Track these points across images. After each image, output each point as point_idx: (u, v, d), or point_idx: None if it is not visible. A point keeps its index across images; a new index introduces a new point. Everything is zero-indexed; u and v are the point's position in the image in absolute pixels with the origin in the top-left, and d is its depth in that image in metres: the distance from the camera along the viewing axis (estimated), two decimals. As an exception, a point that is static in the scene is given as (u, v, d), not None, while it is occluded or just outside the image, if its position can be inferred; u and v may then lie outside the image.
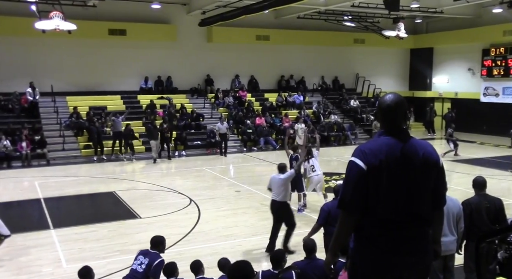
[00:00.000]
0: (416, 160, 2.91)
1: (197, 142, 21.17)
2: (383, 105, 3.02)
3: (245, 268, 3.76)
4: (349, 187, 2.91)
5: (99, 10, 20.69)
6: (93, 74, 22.15)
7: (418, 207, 2.96)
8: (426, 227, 3.03)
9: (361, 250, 3.03)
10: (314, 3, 20.50)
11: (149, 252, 5.86)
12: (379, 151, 2.89)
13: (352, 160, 2.92)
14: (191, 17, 23.44)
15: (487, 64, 25.69)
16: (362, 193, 2.86)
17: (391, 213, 2.90)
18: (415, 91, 29.95)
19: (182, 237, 9.40)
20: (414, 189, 2.93)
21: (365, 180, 2.85)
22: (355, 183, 2.88)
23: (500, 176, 15.59)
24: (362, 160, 2.86)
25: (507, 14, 22.58)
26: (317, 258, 5.69)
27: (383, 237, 2.92)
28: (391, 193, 2.87)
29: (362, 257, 3.02)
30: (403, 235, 2.92)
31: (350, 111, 26.03)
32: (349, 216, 2.96)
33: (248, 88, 25.43)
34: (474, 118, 25.52)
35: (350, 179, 2.91)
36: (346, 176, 2.97)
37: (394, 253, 2.92)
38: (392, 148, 2.90)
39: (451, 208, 5.89)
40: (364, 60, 28.51)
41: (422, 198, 2.98)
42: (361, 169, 2.85)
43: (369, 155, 2.87)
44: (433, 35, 28.31)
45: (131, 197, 12.76)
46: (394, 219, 2.91)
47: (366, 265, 3.00)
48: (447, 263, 6.06)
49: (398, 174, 2.87)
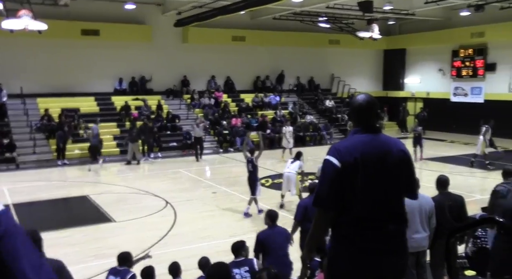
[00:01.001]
0: (390, 157, 2.97)
1: (172, 143, 21.05)
2: (355, 105, 3.09)
3: (223, 270, 3.79)
4: (324, 185, 2.93)
5: (71, 10, 20.33)
6: (65, 75, 21.73)
7: (394, 204, 3.02)
8: (403, 225, 3.07)
9: (338, 249, 3.04)
10: (289, 4, 20.60)
11: (119, 270, 5.77)
12: (354, 149, 2.92)
13: (327, 159, 2.95)
14: (166, 18, 23.29)
15: (457, 65, 26.33)
16: (337, 191, 2.89)
17: (368, 210, 2.92)
18: (389, 91, 30.44)
19: (158, 240, 9.35)
20: (389, 186, 2.99)
21: (340, 178, 2.87)
22: (330, 181, 2.90)
23: (469, 173, 15.98)
24: (337, 158, 2.89)
25: (474, 17, 23.16)
26: (279, 226, 6.41)
27: (361, 236, 2.94)
28: (367, 191, 2.90)
29: (340, 257, 3.02)
30: (380, 234, 2.94)
31: (325, 111, 26.29)
32: (324, 214, 2.98)
33: (224, 89, 25.41)
34: (444, 117, 26.07)
35: (325, 177, 2.94)
36: (321, 175, 2.99)
37: (373, 253, 2.93)
38: (367, 146, 2.94)
39: (423, 205, 6.02)
40: (339, 60, 28.82)
41: (397, 194, 3.04)
42: (336, 167, 2.87)
43: (344, 153, 2.89)
44: (406, 37, 28.82)
45: (105, 200, 12.61)
46: (371, 217, 2.94)
47: (344, 264, 3.01)
48: (420, 259, 6.19)
49: (373, 172, 2.91)
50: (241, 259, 5.45)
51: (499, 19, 22.67)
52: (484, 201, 6.85)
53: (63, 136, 18.22)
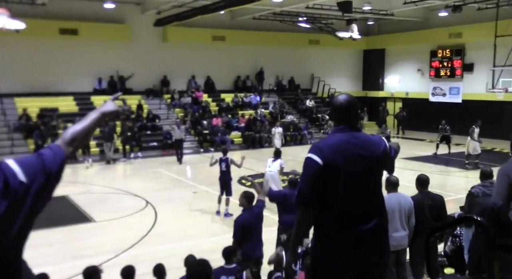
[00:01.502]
0: (370, 154, 3.02)
1: (153, 143, 20.91)
2: (336, 104, 3.13)
3: (205, 268, 3.78)
4: (307, 182, 2.95)
5: (49, 9, 20.02)
6: (44, 75, 21.39)
7: (375, 200, 3.08)
8: (385, 221, 3.12)
9: (322, 248, 3.06)
10: (269, 4, 20.65)
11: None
12: (335, 147, 2.96)
13: (308, 156, 2.97)
14: (146, 17, 23.12)
15: (435, 65, 26.70)
16: (319, 188, 2.91)
17: (351, 207, 2.96)
18: (368, 91, 30.72)
19: (138, 240, 9.27)
20: (371, 183, 3.05)
21: (322, 175, 2.90)
22: (312, 178, 2.92)
23: (447, 173, 16.23)
24: (319, 155, 2.92)
25: (452, 18, 23.54)
26: (254, 207, 6.55)
27: (344, 234, 2.96)
28: (349, 188, 2.93)
29: (323, 256, 3.05)
30: (363, 231, 2.97)
31: (305, 111, 26.41)
32: (307, 212, 3.00)
33: (204, 89, 25.34)
34: (423, 117, 26.41)
35: (308, 175, 2.96)
36: (304, 172, 3.01)
37: (355, 251, 2.97)
38: (348, 144, 2.98)
39: (402, 204, 6.10)
40: (319, 60, 28.97)
41: (378, 191, 3.12)
42: (318, 164, 2.90)
43: (326, 151, 2.93)
44: (385, 37, 29.11)
45: (85, 200, 12.46)
46: (354, 214, 2.97)
47: (327, 263, 3.03)
48: (400, 258, 6.26)
49: (355, 169, 2.95)
50: (232, 267, 5.34)
51: (476, 20, 23.07)
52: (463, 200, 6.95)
53: (40, 135, 17.96)
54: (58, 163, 1.73)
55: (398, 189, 6.25)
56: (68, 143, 1.84)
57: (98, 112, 2.04)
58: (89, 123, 1.95)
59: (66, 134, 1.87)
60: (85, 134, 1.92)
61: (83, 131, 1.92)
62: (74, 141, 1.87)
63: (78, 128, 1.91)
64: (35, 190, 1.60)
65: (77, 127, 1.92)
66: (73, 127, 1.91)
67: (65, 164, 1.77)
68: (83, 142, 1.94)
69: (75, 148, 1.87)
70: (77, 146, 1.88)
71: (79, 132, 1.90)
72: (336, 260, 3.00)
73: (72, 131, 1.88)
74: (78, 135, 1.89)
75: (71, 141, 1.86)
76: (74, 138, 1.87)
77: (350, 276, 3.05)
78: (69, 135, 1.87)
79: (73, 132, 1.88)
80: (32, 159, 1.67)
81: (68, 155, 1.83)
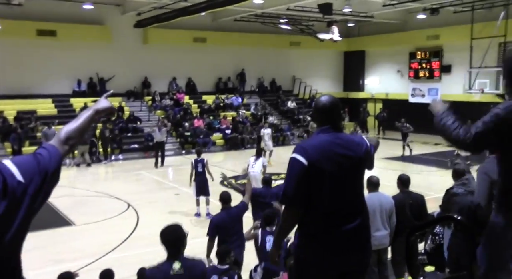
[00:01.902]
0: (354, 154, 3.07)
1: (134, 145, 20.75)
2: (319, 105, 3.17)
3: (176, 231, 3.81)
4: (292, 183, 2.98)
5: (25, 9, 19.71)
6: (21, 77, 21.01)
7: (358, 199, 3.14)
8: (367, 221, 3.18)
9: (306, 247, 3.09)
10: (250, 6, 20.66)
11: None
12: (320, 147, 3.01)
13: (293, 157, 3.00)
14: (126, 18, 22.92)
15: (414, 66, 27.07)
16: (304, 188, 2.95)
17: (335, 206, 3.00)
18: (349, 92, 30.96)
19: (120, 243, 9.19)
20: (354, 182, 3.12)
21: (307, 175, 2.93)
22: (297, 178, 2.95)
23: (428, 172, 16.44)
24: (303, 155, 2.95)
25: (430, 20, 23.89)
26: (232, 207, 6.66)
27: (328, 233, 3.00)
28: (333, 187, 2.98)
29: (307, 254, 3.08)
30: (347, 231, 3.01)
31: (287, 112, 26.50)
32: (292, 211, 3.03)
33: (186, 90, 25.23)
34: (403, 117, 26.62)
35: (292, 175, 2.99)
36: (288, 173, 3.03)
37: (340, 250, 3.01)
38: (332, 144, 3.03)
39: (383, 204, 6.16)
40: (300, 62, 29.10)
41: (360, 190, 3.18)
42: (303, 164, 2.93)
43: (310, 151, 2.97)
44: (365, 39, 29.39)
45: (65, 204, 12.26)
46: (338, 213, 3.01)
47: (311, 262, 3.06)
48: (381, 257, 6.33)
49: (339, 169, 2.99)
50: (225, 268, 5.35)
51: (453, 23, 23.45)
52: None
53: (17, 138, 17.66)
54: (54, 163, 1.75)
55: (379, 189, 6.31)
56: (63, 142, 1.87)
57: (92, 109, 2.05)
58: (83, 120, 1.97)
59: (61, 133, 1.89)
60: (79, 132, 1.94)
61: (77, 129, 1.93)
62: (69, 139, 1.89)
63: (72, 127, 1.92)
64: (32, 190, 1.62)
65: (71, 125, 1.92)
66: (67, 126, 1.92)
67: (61, 164, 1.78)
68: (79, 140, 1.97)
69: (70, 146, 1.89)
70: (73, 144, 1.90)
71: (74, 131, 1.91)
72: (320, 259, 3.03)
73: (67, 130, 1.90)
74: (73, 134, 1.90)
75: (66, 140, 1.88)
76: (68, 137, 1.89)
77: (333, 275, 3.09)
78: (64, 134, 1.89)
79: (67, 130, 1.90)
80: (29, 160, 1.69)
81: (64, 154, 1.85)
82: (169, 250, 3.77)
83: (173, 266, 3.63)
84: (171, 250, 3.75)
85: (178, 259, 3.69)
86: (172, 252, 3.74)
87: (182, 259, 3.71)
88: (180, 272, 3.63)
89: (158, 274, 3.67)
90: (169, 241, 3.77)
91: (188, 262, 3.75)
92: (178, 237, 3.78)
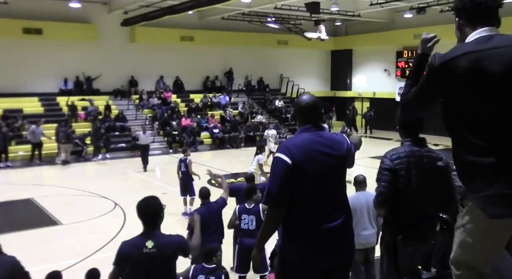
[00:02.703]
0: (337, 153, 3.09)
1: (121, 144, 20.63)
2: (302, 104, 3.19)
3: (152, 203, 3.79)
4: (276, 181, 2.99)
5: (11, 7, 19.53)
6: (7, 75, 20.74)
7: (340, 197, 3.15)
8: (350, 219, 3.20)
9: (289, 247, 3.10)
10: (238, 5, 20.65)
11: None
12: (303, 146, 3.03)
13: (277, 156, 3.02)
14: (113, 17, 22.77)
15: (401, 65, 27.25)
16: (288, 186, 2.96)
17: (318, 205, 3.02)
18: (336, 91, 31.09)
19: (106, 243, 9.13)
20: (337, 180, 3.13)
21: (291, 173, 2.95)
22: (281, 177, 2.97)
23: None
24: (287, 155, 2.97)
25: (417, 20, 24.08)
26: (211, 203, 6.81)
27: (312, 232, 3.01)
28: (317, 186, 3.01)
29: (292, 254, 3.09)
30: (331, 229, 3.02)
31: (274, 111, 26.53)
32: (276, 210, 3.04)
33: (173, 89, 25.14)
34: (390, 116, 26.76)
35: (277, 174, 3.00)
36: (272, 172, 3.04)
37: (324, 249, 3.03)
38: (315, 143, 3.05)
39: (370, 203, 6.18)
40: (288, 61, 29.14)
41: (343, 188, 3.19)
42: (287, 163, 2.95)
43: (294, 150, 2.99)
44: (352, 37, 29.52)
45: (51, 203, 12.19)
46: (322, 212, 3.03)
47: (296, 261, 3.07)
48: (368, 256, 6.35)
49: (322, 167, 3.02)
50: (212, 267, 5.36)
51: (439, 22, 23.58)
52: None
53: (3, 138, 17.45)
54: None
55: (366, 187, 6.34)
56: None
57: None
58: None
59: None
60: None
61: None
62: None
63: None
64: None
65: None
66: None
67: None
68: None
69: None
70: None
71: None
72: (304, 258, 3.04)
73: None
74: None
75: None
76: None
77: (318, 274, 3.11)
78: None
79: None
80: None
81: None
82: (145, 224, 3.71)
83: (146, 244, 3.58)
84: (147, 223, 3.70)
85: (152, 237, 3.62)
86: (149, 226, 3.68)
87: (156, 236, 3.64)
88: (153, 250, 3.58)
89: (133, 251, 3.61)
90: (145, 214, 3.72)
91: (163, 239, 3.66)
92: (154, 209, 3.73)
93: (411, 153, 3.41)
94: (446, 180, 3.56)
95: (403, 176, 3.29)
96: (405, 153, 3.37)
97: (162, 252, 3.62)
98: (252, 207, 6.58)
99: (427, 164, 3.44)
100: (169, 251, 3.71)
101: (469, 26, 2.36)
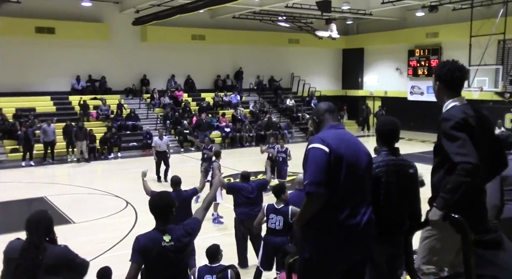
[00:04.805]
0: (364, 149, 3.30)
1: (133, 143, 20.74)
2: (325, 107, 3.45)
3: (165, 198, 3.82)
4: (317, 168, 3.05)
5: (24, 7, 19.70)
6: (20, 74, 20.99)
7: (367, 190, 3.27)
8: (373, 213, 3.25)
9: (318, 241, 3.14)
10: (249, 3, 20.65)
11: None
12: (336, 135, 3.21)
13: (313, 147, 3.12)
14: (124, 16, 22.89)
15: (413, 64, 27.03)
16: (328, 172, 3.05)
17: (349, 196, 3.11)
18: (348, 90, 30.95)
19: (118, 241, 9.20)
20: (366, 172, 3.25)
21: (329, 161, 3.06)
22: (322, 164, 3.05)
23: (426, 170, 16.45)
24: (324, 144, 3.09)
25: (429, 18, 23.88)
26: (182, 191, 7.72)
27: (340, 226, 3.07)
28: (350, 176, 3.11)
29: (320, 248, 3.13)
30: (359, 223, 3.10)
31: (286, 110, 26.48)
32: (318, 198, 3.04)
33: (184, 88, 25.21)
34: (402, 115, 26.65)
35: (317, 162, 3.07)
36: (311, 161, 3.09)
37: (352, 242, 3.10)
38: (346, 135, 3.31)
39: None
40: (299, 60, 29.07)
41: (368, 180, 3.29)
42: (325, 151, 3.06)
43: (329, 141, 3.12)
44: (363, 36, 29.36)
45: (63, 201, 12.30)
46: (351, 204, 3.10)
47: (324, 255, 3.12)
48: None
49: (355, 158, 3.17)
50: (216, 266, 5.38)
51: (452, 20, 23.44)
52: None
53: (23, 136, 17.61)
54: None
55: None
56: None
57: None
58: None
59: None
60: None
61: None
62: None
63: None
64: None
65: None
66: None
67: None
68: None
69: None
70: None
71: None
72: (333, 253, 3.10)
73: None
74: None
75: None
76: None
77: (344, 268, 3.17)
78: None
79: None
80: None
81: None
82: (158, 219, 3.76)
83: (164, 237, 3.65)
84: (161, 218, 3.74)
85: (167, 231, 3.67)
86: (162, 221, 3.73)
87: (171, 230, 3.71)
88: (171, 244, 3.65)
89: (152, 244, 3.65)
90: (158, 208, 3.75)
91: (177, 232, 3.73)
92: (168, 204, 3.76)
93: (388, 161, 3.68)
94: (415, 185, 3.91)
95: (383, 182, 3.56)
96: (383, 162, 3.65)
97: (178, 245, 3.69)
98: (281, 208, 6.52)
99: (401, 171, 3.73)
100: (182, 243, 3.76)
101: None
